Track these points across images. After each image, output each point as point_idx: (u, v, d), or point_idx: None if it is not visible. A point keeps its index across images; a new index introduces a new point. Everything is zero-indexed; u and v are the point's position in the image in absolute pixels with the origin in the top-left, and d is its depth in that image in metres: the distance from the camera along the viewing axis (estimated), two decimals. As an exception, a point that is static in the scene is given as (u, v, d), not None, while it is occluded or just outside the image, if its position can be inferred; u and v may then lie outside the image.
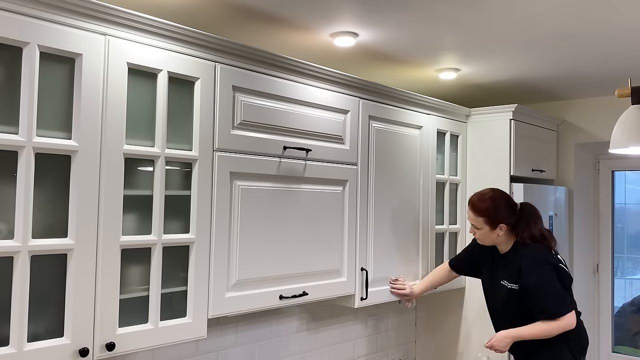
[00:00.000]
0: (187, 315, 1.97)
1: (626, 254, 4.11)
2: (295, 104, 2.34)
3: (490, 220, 2.52)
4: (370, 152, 2.71)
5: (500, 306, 2.58)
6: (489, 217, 2.52)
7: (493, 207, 2.52)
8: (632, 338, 3.98)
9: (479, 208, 2.54)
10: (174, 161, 1.96)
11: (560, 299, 2.42)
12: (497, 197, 2.56)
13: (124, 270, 1.81)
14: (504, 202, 2.57)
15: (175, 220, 1.96)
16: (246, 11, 2.23)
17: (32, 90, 1.58)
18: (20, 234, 1.56)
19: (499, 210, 2.52)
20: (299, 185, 2.35)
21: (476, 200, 2.56)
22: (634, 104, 2.04)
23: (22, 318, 1.57)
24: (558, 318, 2.39)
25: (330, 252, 2.50)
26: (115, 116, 1.76)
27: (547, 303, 2.40)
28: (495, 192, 2.59)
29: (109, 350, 1.73)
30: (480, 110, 3.39)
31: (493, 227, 2.52)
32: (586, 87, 3.44)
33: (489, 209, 2.52)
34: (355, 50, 2.70)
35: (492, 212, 2.51)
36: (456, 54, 2.79)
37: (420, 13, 2.21)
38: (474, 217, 2.55)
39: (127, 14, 1.77)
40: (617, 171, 4.01)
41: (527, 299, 2.43)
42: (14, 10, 1.55)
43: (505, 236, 2.55)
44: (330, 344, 3.02)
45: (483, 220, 2.53)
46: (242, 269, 2.12)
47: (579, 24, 2.32)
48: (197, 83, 2.00)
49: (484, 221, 2.53)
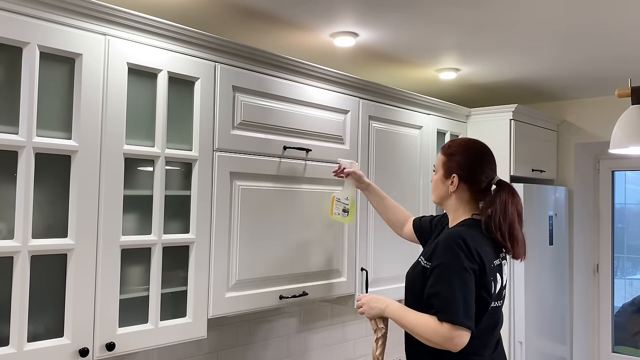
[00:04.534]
0: (187, 315, 1.97)
1: (626, 254, 4.11)
2: (295, 104, 2.34)
3: (448, 162, 1.93)
4: (370, 152, 2.71)
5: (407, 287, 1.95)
6: (449, 157, 1.93)
7: (460, 149, 1.94)
8: (632, 338, 3.98)
9: (447, 146, 1.98)
10: (174, 161, 1.96)
11: (463, 303, 1.70)
12: (473, 145, 1.97)
13: (124, 270, 1.80)
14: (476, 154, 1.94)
15: (175, 220, 1.96)
16: (246, 11, 2.23)
17: (32, 90, 1.58)
18: (20, 234, 1.56)
19: (464, 157, 1.91)
20: (299, 185, 2.35)
21: (452, 140, 2.03)
22: (634, 104, 2.04)
23: (22, 318, 1.57)
24: (442, 322, 1.70)
25: (330, 252, 2.50)
26: (115, 116, 1.76)
27: (441, 294, 1.73)
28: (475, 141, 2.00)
29: (109, 350, 1.73)
30: (480, 110, 3.39)
31: (447, 175, 1.92)
32: (586, 87, 3.44)
33: (456, 150, 1.94)
34: (355, 50, 2.70)
35: (456, 154, 1.92)
36: (456, 54, 2.79)
37: (420, 13, 2.21)
38: (438, 156, 2.00)
39: (127, 14, 1.77)
40: (617, 171, 4.02)
41: (428, 281, 1.79)
42: (14, 10, 1.55)
43: (458, 200, 1.92)
44: (330, 344, 3.02)
45: (442, 161, 1.96)
46: (242, 269, 2.12)
47: (579, 24, 2.32)
48: (197, 83, 2.00)
49: (443, 162, 1.95)
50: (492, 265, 1.81)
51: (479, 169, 1.91)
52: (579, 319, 3.85)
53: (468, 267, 1.73)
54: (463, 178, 1.90)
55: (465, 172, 1.90)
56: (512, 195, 1.87)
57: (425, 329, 1.73)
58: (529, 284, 3.27)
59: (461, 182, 1.90)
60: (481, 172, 1.91)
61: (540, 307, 3.41)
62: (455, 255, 1.74)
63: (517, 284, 3.24)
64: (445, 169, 1.93)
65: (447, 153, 1.95)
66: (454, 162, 1.92)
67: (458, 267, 1.73)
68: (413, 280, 1.89)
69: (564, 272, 3.72)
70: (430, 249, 1.86)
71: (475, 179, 1.90)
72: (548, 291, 3.52)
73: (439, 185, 1.96)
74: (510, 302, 3.26)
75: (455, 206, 1.93)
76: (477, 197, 1.92)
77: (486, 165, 1.93)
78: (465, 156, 1.91)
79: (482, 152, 1.95)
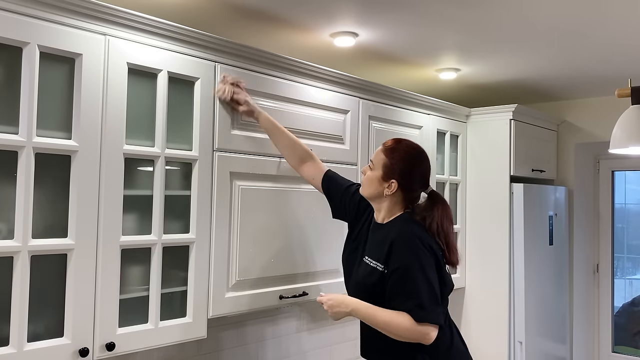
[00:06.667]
0: (187, 315, 1.97)
1: (626, 254, 4.11)
2: (295, 104, 2.34)
3: (390, 165, 1.93)
4: (370, 152, 2.71)
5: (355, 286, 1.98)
6: (392, 160, 1.93)
7: (404, 156, 1.94)
8: (632, 338, 3.98)
9: (391, 148, 1.96)
10: (174, 161, 1.96)
11: (434, 301, 1.80)
12: (417, 155, 1.97)
13: (124, 270, 1.80)
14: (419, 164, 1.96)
15: (175, 220, 1.96)
16: (246, 11, 2.23)
17: (32, 90, 1.58)
18: (20, 234, 1.56)
19: (407, 165, 1.93)
20: (299, 185, 2.35)
21: (396, 141, 2.00)
22: (634, 104, 2.04)
23: (22, 318, 1.57)
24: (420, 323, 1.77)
25: (330, 252, 2.49)
26: (115, 116, 1.76)
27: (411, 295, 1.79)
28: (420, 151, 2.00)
29: (109, 350, 1.73)
30: (480, 110, 3.39)
31: (386, 178, 1.93)
32: (586, 87, 3.44)
33: (400, 156, 1.93)
34: (355, 50, 2.70)
35: (400, 161, 1.92)
36: (456, 54, 2.79)
37: (420, 13, 2.21)
38: (378, 153, 1.98)
39: (127, 14, 1.77)
40: (617, 171, 4.02)
41: (389, 283, 1.84)
42: (14, 10, 1.55)
43: (391, 201, 1.94)
44: (330, 344, 3.02)
45: (384, 162, 1.94)
46: (242, 269, 2.12)
47: (579, 24, 2.32)
48: (197, 83, 2.00)
49: (384, 163, 1.94)
50: (440, 253, 1.89)
51: (417, 179, 1.95)
52: (579, 319, 3.85)
53: (430, 265, 1.82)
54: (401, 185, 1.92)
55: (404, 180, 1.92)
56: (445, 207, 1.95)
57: (399, 328, 1.79)
58: (529, 284, 3.27)
59: (398, 188, 1.92)
60: (418, 182, 1.96)
61: (540, 307, 3.41)
62: (417, 256, 1.82)
63: (517, 284, 3.25)
64: (384, 171, 1.93)
65: (390, 156, 1.95)
66: (395, 167, 1.93)
67: (422, 267, 1.80)
68: (363, 280, 1.92)
69: (564, 272, 3.72)
70: (379, 250, 1.89)
71: (411, 187, 1.95)
72: (548, 291, 3.52)
73: (374, 184, 1.96)
74: (511, 302, 3.26)
75: (388, 207, 1.96)
76: (408, 202, 1.97)
77: (424, 175, 1.98)
78: (407, 164, 1.93)
79: (422, 162, 1.98)
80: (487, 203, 3.35)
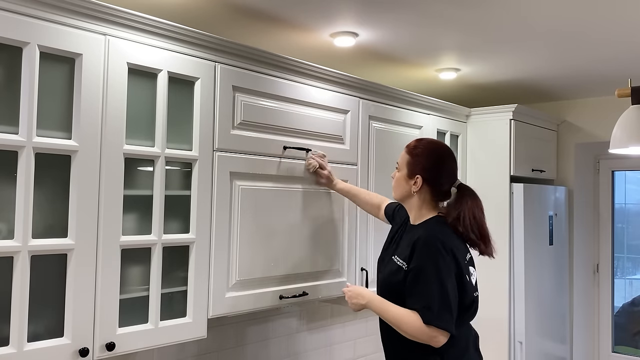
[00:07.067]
0: (187, 315, 1.97)
1: (626, 254, 4.11)
2: (295, 104, 2.34)
3: (413, 163, 1.98)
4: (370, 152, 2.71)
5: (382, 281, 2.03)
6: (415, 158, 1.98)
7: (426, 152, 1.99)
8: (632, 338, 3.98)
9: (413, 146, 2.02)
10: (174, 161, 1.96)
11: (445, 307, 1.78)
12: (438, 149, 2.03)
13: (124, 270, 1.80)
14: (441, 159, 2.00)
15: (175, 220, 1.96)
16: (246, 11, 2.23)
17: (32, 90, 1.58)
18: (20, 234, 1.56)
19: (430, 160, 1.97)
20: (299, 185, 2.35)
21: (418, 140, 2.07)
22: (634, 104, 2.04)
23: (22, 318, 1.57)
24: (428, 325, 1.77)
25: (330, 252, 2.50)
26: (115, 116, 1.76)
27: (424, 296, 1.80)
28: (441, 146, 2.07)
29: (109, 350, 1.73)
30: (480, 110, 3.39)
31: (411, 175, 1.97)
32: (586, 87, 3.44)
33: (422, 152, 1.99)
34: (355, 50, 2.70)
35: (422, 157, 1.97)
36: (456, 54, 2.79)
37: (420, 13, 2.21)
38: (402, 154, 2.04)
39: (127, 14, 1.77)
40: (617, 171, 4.02)
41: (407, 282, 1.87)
42: (14, 10, 1.55)
43: (420, 199, 1.98)
44: (331, 344, 3.02)
45: (407, 160, 2.00)
46: (242, 269, 2.12)
47: (579, 24, 2.33)
48: (197, 83, 2.00)
49: (407, 161, 2.00)
50: (465, 261, 1.90)
51: (443, 173, 1.99)
52: (579, 319, 3.85)
53: (448, 270, 1.82)
54: (426, 180, 1.96)
55: (428, 174, 1.96)
56: (475, 198, 1.97)
57: (407, 325, 1.81)
58: (529, 284, 3.27)
59: (424, 183, 1.96)
60: (444, 176, 1.99)
61: (540, 307, 3.41)
62: (434, 259, 1.82)
63: (517, 284, 3.25)
64: (409, 169, 1.99)
65: (413, 154, 2.00)
66: (418, 163, 1.97)
67: (438, 270, 1.81)
68: (388, 278, 1.96)
69: (564, 272, 3.72)
70: (406, 249, 1.91)
71: (437, 182, 1.98)
72: (548, 291, 3.52)
73: (401, 184, 2.01)
74: (511, 302, 3.26)
75: (417, 205, 1.99)
76: (437, 198, 2.00)
77: (449, 169, 2.01)
78: (430, 159, 1.98)
79: (446, 156, 2.02)
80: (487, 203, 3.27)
